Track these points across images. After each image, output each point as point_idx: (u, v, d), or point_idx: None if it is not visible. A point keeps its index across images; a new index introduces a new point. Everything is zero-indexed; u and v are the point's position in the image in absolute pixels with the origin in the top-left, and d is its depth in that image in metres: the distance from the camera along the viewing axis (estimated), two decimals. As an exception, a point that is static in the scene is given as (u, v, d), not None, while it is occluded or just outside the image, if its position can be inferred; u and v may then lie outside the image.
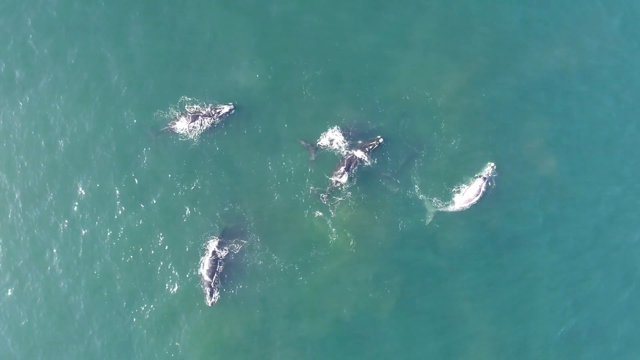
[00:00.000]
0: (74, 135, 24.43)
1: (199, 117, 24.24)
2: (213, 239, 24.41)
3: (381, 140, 24.50)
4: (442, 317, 24.90)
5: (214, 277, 23.88)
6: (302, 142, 24.60)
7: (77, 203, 24.29)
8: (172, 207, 24.43)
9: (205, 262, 24.08)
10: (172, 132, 24.45)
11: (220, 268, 24.04)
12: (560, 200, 25.87)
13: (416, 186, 24.86)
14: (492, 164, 24.95)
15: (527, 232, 25.62)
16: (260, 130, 24.83)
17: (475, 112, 25.66)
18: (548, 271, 25.55)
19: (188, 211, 24.44)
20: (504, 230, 25.40)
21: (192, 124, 24.33)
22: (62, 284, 24.00)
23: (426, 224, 24.66)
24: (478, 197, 24.63)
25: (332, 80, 25.14)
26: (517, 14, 26.46)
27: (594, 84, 26.69)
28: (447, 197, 25.04)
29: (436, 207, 24.67)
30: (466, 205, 24.72)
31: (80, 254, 24.10)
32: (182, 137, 24.55)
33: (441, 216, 24.88)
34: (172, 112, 24.58)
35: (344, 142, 24.62)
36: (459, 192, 24.91)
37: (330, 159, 24.86)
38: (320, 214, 24.58)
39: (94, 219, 24.27)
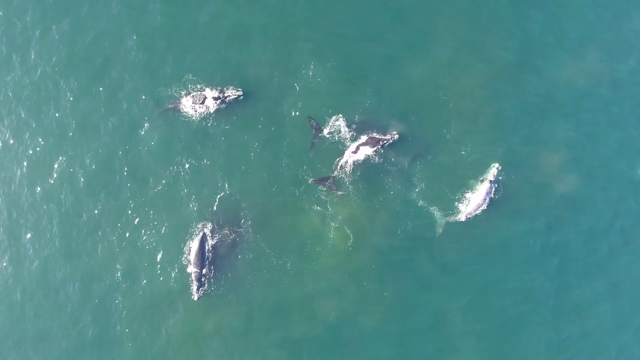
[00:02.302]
0: (75, 108, 24.04)
1: (206, 99, 23.79)
2: (205, 224, 23.68)
3: (396, 136, 24.07)
4: (433, 328, 24.24)
5: (203, 268, 23.06)
6: (311, 121, 24.14)
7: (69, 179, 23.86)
8: (165, 188, 23.85)
9: (194, 249, 23.20)
10: (176, 111, 24.06)
11: (209, 256, 23.24)
12: (570, 211, 25.22)
13: (417, 190, 24.34)
14: (497, 165, 24.40)
15: (530, 242, 24.89)
16: (264, 119, 24.33)
17: (486, 116, 25.13)
18: (550, 285, 24.85)
19: (181, 193, 23.82)
20: (505, 238, 24.78)
21: (197, 106, 23.88)
22: (52, 263, 23.57)
23: (437, 235, 24.19)
24: (486, 202, 24.11)
25: (343, 74, 24.69)
26: (543, 21, 26.03)
27: (616, 96, 26.09)
28: (451, 203, 24.49)
29: (446, 218, 24.16)
30: (475, 212, 24.19)
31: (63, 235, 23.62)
32: (184, 117, 24.09)
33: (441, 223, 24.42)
34: (175, 90, 24.16)
35: (349, 134, 24.27)
36: (465, 199, 24.38)
37: (331, 151, 24.33)
38: (319, 208, 24.02)
39: (79, 195, 23.75)
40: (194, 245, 23.24)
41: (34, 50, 23.99)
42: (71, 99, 23.81)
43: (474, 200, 24.15)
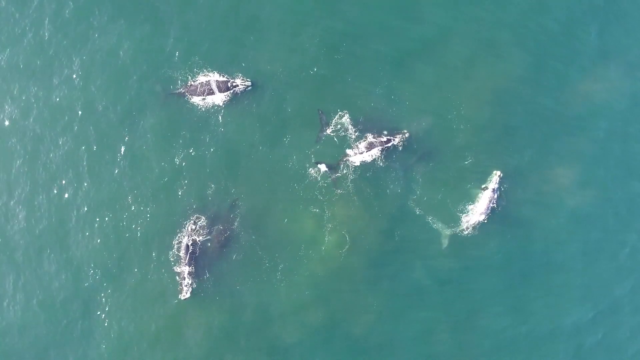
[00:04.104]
0: (77, 86, 23.63)
1: (213, 87, 23.26)
2: (197, 219, 23.03)
3: (407, 134, 23.79)
4: (421, 342, 23.70)
5: (190, 266, 22.45)
6: (320, 114, 23.85)
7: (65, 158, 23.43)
8: (160, 178, 23.32)
9: (182, 246, 22.56)
10: (182, 96, 23.60)
11: (196, 251, 22.60)
12: (578, 228, 24.74)
13: (417, 195, 23.85)
14: (499, 173, 24.05)
15: (532, 260, 24.40)
16: (270, 113, 23.88)
17: (496, 122, 24.62)
18: (548, 307, 24.30)
19: (176, 184, 23.31)
20: (505, 255, 24.21)
21: (204, 93, 23.36)
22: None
23: (443, 248, 23.79)
24: (488, 211, 23.82)
25: (352, 72, 24.18)
26: (568, 28, 25.45)
27: (635, 113, 25.56)
28: (453, 214, 24.01)
29: (449, 230, 23.81)
30: (477, 222, 23.78)
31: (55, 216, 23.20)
32: (189, 105, 23.71)
33: (439, 234, 23.93)
34: (181, 74, 23.64)
35: (354, 133, 23.77)
36: (467, 210, 24.03)
37: (335, 149, 23.77)
38: (316, 210, 23.53)
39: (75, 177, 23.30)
40: (182, 241, 22.69)
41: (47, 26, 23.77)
42: (80, 80, 23.55)
43: (476, 210, 23.82)
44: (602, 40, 25.21)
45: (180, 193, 23.14)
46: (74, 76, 23.41)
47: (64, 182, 23.02)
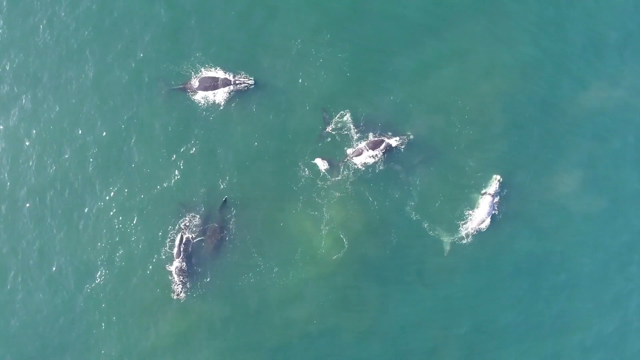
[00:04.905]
0: (84, 83, 23.50)
1: (216, 83, 23.09)
2: (192, 217, 22.85)
3: (411, 137, 23.67)
4: (415, 351, 23.44)
5: (182, 265, 22.25)
6: (324, 113, 23.73)
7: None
8: (161, 174, 23.12)
9: (175, 245, 22.33)
10: (184, 91, 23.41)
11: (189, 250, 22.41)
12: (585, 237, 24.36)
13: (416, 201, 23.55)
14: (499, 177, 23.76)
15: (534, 271, 23.99)
16: (271, 112, 23.61)
17: (501, 126, 24.34)
18: (551, 323, 23.85)
19: (173, 182, 23.04)
20: (506, 264, 23.94)
21: (206, 89, 23.15)
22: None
23: (444, 255, 23.57)
24: (488, 218, 23.53)
25: (356, 71, 24.02)
26: (584, 30, 25.00)
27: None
28: (452, 221, 23.75)
29: (451, 237, 23.55)
30: (476, 228, 23.57)
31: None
32: (190, 101, 23.44)
33: (437, 241, 23.62)
34: (183, 69, 23.53)
35: (356, 134, 23.58)
36: (466, 216, 23.79)
37: (336, 149, 23.63)
38: (315, 213, 23.21)
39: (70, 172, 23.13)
40: (175, 240, 22.51)
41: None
42: (90, 73, 23.47)
43: (476, 216, 23.55)
44: (621, 45, 24.74)
45: (179, 191, 22.91)
46: (82, 74, 23.26)
47: (67, 179, 22.80)
